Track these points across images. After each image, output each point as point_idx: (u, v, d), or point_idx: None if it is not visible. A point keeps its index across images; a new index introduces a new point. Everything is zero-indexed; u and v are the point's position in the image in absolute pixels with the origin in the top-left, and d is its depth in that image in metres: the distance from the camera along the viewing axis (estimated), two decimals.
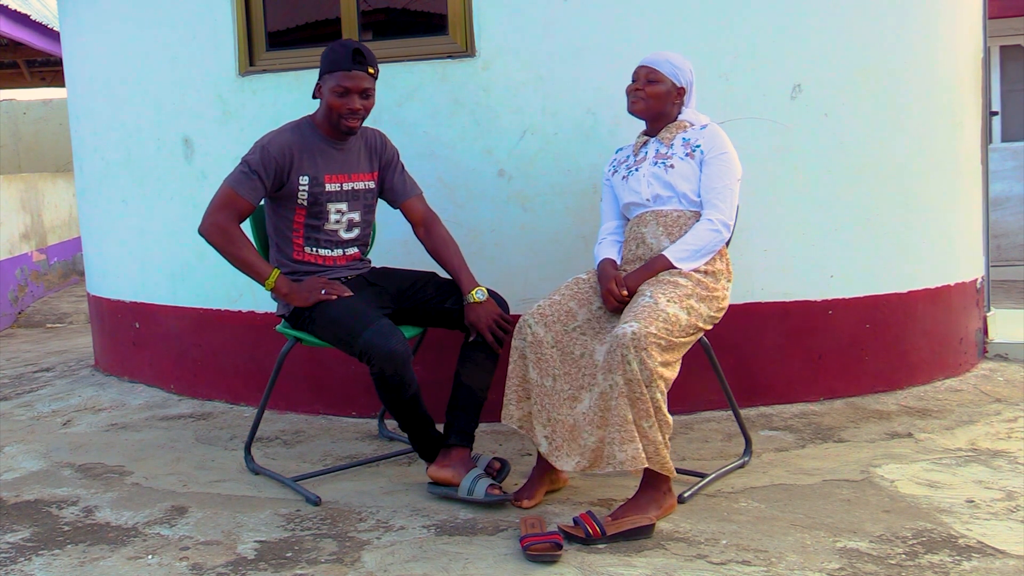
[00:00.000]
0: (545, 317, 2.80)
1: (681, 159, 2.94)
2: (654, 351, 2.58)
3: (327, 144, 3.06)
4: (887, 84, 3.76)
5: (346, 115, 2.99)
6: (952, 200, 4.07)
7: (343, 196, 3.08)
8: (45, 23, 9.17)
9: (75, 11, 4.73)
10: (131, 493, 3.11)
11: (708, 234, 2.86)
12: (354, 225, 3.14)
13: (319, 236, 3.08)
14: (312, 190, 3.02)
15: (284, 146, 2.99)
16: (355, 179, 3.10)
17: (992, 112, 8.88)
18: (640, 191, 2.98)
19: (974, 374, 4.11)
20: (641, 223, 2.98)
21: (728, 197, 2.90)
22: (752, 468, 3.09)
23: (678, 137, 2.99)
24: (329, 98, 2.99)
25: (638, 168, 3.01)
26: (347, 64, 2.97)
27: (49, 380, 5.03)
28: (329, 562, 2.49)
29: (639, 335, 2.57)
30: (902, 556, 2.38)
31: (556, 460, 2.73)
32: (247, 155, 3.00)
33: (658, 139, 3.03)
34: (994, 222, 6.09)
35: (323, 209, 3.05)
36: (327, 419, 3.87)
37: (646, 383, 2.57)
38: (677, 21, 3.58)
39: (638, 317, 2.62)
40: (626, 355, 2.56)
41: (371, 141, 3.17)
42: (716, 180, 2.91)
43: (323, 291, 2.94)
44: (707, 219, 2.88)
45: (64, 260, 8.87)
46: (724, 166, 2.92)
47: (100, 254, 4.82)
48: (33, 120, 11.83)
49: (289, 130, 3.05)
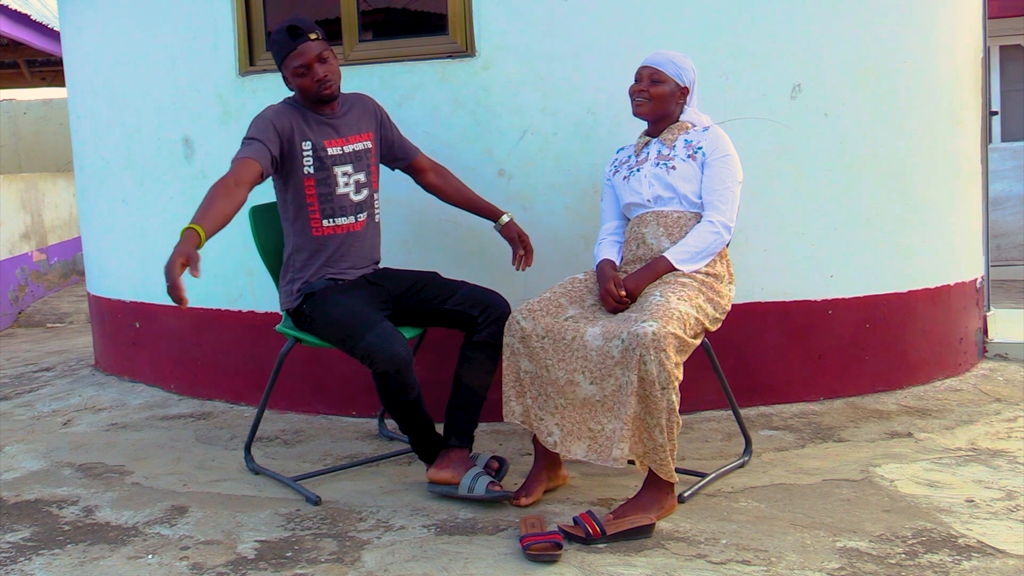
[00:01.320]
0: (533, 312, 2.80)
1: (683, 161, 2.94)
2: (672, 352, 2.57)
3: (317, 115, 3.10)
4: (887, 84, 3.76)
5: (317, 87, 3.02)
6: (952, 200, 4.07)
7: (347, 158, 3.11)
8: (45, 23, 9.17)
9: (75, 11, 4.73)
10: (131, 493, 3.11)
11: (709, 236, 2.87)
12: (361, 186, 3.15)
13: (333, 205, 3.09)
14: (317, 154, 3.05)
15: (280, 114, 3.03)
16: (352, 140, 3.14)
17: (992, 112, 8.89)
18: (641, 192, 2.98)
19: (974, 374, 4.11)
20: (642, 223, 2.98)
21: (729, 199, 2.90)
22: (752, 468, 3.09)
23: (680, 138, 2.99)
24: (296, 82, 3.04)
25: (639, 169, 3.01)
26: (289, 44, 3.02)
27: (49, 380, 5.03)
28: (329, 562, 2.49)
29: (659, 335, 2.55)
30: (902, 556, 2.38)
31: (567, 449, 2.72)
32: (249, 127, 3.03)
33: (660, 140, 3.03)
34: (994, 222, 6.08)
35: (330, 174, 3.07)
36: (327, 419, 3.87)
37: (662, 385, 2.56)
38: (677, 21, 3.58)
39: (655, 316, 2.60)
40: (644, 355, 2.55)
41: (361, 104, 3.22)
42: (717, 182, 2.91)
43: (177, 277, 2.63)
44: (708, 221, 2.89)
45: (64, 260, 8.87)
46: (726, 168, 2.92)
47: (100, 254, 4.82)
48: (33, 120, 11.82)
49: (279, 106, 3.09)
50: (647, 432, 2.60)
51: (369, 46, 3.81)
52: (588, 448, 2.68)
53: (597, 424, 2.67)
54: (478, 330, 2.99)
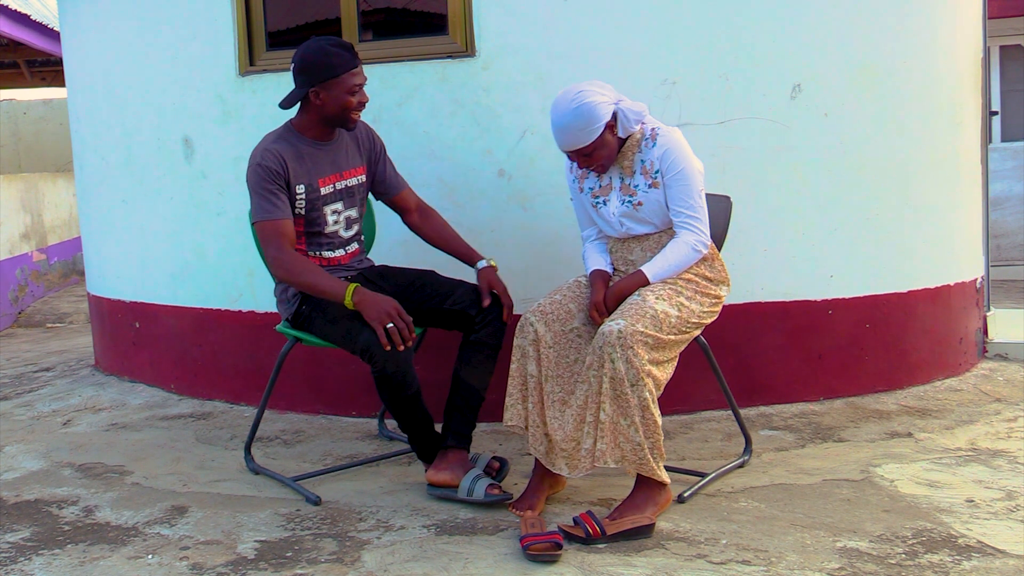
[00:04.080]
0: (546, 315, 2.80)
1: (645, 192, 2.84)
2: (640, 349, 2.58)
3: (313, 147, 3.04)
4: (887, 84, 3.76)
5: (357, 109, 3.01)
6: (952, 200, 4.07)
7: (337, 196, 3.08)
8: (45, 23, 9.17)
9: (75, 11, 4.73)
10: (131, 493, 3.11)
11: (685, 250, 2.81)
12: (352, 222, 3.14)
13: (321, 240, 3.08)
14: (308, 197, 3.01)
15: (277, 156, 2.96)
16: (347, 176, 3.11)
17: (992, 112, 8.89)
18: (614, 227, 2.93)
19: (974, 374, 4.11)
20: (623, 246, 2.95)
21: (697, 210, 2.82)
22: (752, 468, 3.09)
23: (636, 160, 2.87)
24: (343, 99, 2.96)
25: (606, 202, 2.92)
26: (352, 61, 2.97)
27: (49, 380, 5.03)
28: (329, 562, 2.49)
29: (625, 333, 2.57)
30: (902, 556, 2.38)
31: (551, 463, 2.73)
32: (252, 181, 2.96)
33: (618, 167, 2.90)
34: (994, 222, 6.08)
35: (320, 214, 3.04)
36: (327, 419, 3.87)
37: (631, 382, 2.57)
38: (677, 21, 3.58)
39: (624, 315, 2.63)
40: (611, 353, 2.57)
41: (357, 134, 3.17)
42: (681, 200, 2.81)
43: (390, 324, 2.75)
44: (683, 241, 2.81)
45: (64, 260, 8.87)
46: (685, 182, 2.81)
47: (100, 254, 4.82)
48: (33, 120, 11.82)
49: (274, 140, 3.02)
50: (622, 434, 2.61)
51: (369, 46, 3.80)
52: (567, 466, 2.70)
53: (573, 442, 2.69)
54: (476, 329, 2.99)
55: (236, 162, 3.89)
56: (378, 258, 3.34)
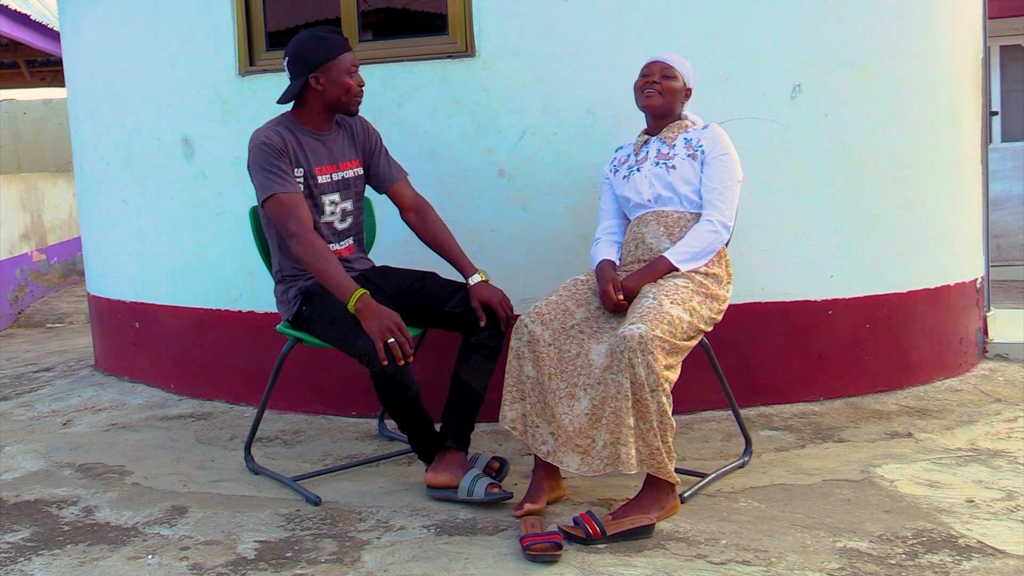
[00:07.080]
0: (542, 316, 2.79)
1: (683, 160, 2.94)
2: (659, 354, 2.58)
3: (312, 137, 3.06)
4: (887, 84, 3.76)
5: (357, 93, 3.02)
6: (952, 200, 4.07)
7: (335, 187, 3.08)
8: (45, 23, 9.17)
9: (75, 11, 4.73)
10: (131, 493, 3.11)
11: (708, 235, 2.87)
12: (347, 214, 3.14)
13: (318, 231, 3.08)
14: (307, 182, 3.02)
15: (277, 136, 2.98)
16: (344, 167, 3.11)
17: (992, 112, 8.89)
18: (642, 191, 2.98)
19: (974, 374, 4.11)
20: (642, 223, 2.98)
21: (728, 198, 2.90)
22: (752, 468, 3.09)
23: (680, 136, 3.00)
24: (343, 81, 2.98)
25: (639, 168, 3.01)
26: (346, 44, 3.01)
27: (49, 380, 5.03)
28: (329, 562, 2.49)
29: (646, 338, 2.56)
30: (902, 556, 2.38)
31: (559, 460, 2.72)
32: (257, 160, 2.94)
33: (660, 138, 3.03)
34: (994, 222, 6.08)
35: (318, 202, 3.05)
36: (327, 419, 3.87)
37: (651, 388, 2.56)
38: (677, 21, 3.58)
39: (644, 319, 2.61)
40: (632, 358, 2.56)
41: (353, 128, 3.17)
42: (717, 181, 2.91)
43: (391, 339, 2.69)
44: (707, 220, 2.89)
45: (64, 260, 8.87)
46: (725, 167, 2.92)
47: (100, 254, 4.82)
48: (33, 120, 11.82)
49: (273, 126, 3.03)
50: (641, 437, 2.60)
51: (369, 46, 3.81)
52: (580, 462, 2.68)
53: (588, 439, 2.67)
54: (477, 332, 2.99)
55: (236, 162, 3.89)
56: (378, 258, 3.34)
